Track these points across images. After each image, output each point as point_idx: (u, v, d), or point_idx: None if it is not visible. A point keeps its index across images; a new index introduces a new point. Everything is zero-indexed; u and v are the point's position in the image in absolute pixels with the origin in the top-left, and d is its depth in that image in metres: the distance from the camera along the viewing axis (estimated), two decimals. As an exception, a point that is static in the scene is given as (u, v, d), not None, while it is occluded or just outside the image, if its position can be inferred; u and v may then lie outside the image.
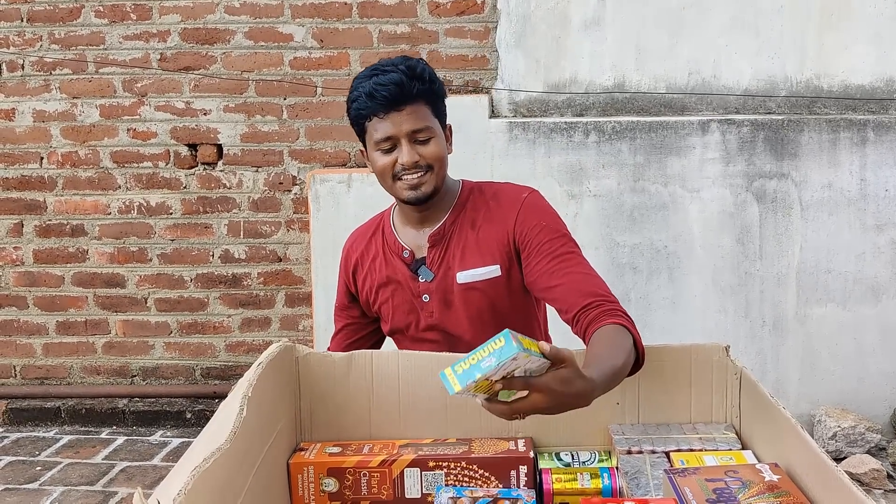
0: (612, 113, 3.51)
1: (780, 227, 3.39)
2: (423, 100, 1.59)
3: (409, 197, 1.63)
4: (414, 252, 1.71)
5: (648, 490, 1.28)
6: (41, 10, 3.69)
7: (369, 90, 1.56)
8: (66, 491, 3.14)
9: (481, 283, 1.65)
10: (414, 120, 1.58)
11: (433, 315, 1.69)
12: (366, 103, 1.58)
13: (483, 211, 1.68)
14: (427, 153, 1.60)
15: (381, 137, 1.59)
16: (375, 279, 1.76)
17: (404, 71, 1.57)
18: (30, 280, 3.87)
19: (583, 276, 1.60)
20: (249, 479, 1.18)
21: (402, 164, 1.59)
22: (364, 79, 1.59)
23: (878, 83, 3.44)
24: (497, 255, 1.65)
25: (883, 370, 3.42)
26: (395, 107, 1.56)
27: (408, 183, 1.61)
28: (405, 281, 1.71)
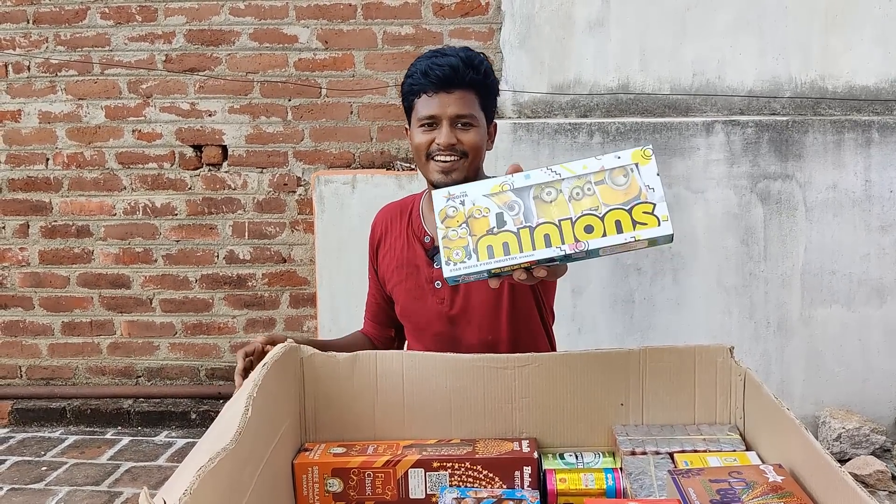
0: (617, 114, 3.51)
1: (784, 228, 3.38)
2: (474, 89, 1.63)
3: (438, 180, 1.65)
4: (434, 238, 1.73)
5: (652, 491, 1.28)
6: (47, 11, 3.70)
7: (425, 68, 1.61)
8: (72, 491, 3.15)
9: None
10: (460, 105, 1.62)
11: (444, 302, 1.72)
12: (419, 80, 1.62)
13: None
14: (465, 139, 1.63)
15: (425, 115, 1.63)
16: (394, 259, 1.79)
17: (462, 58, 1.62)
18: (35, 281, 3.88)
19: None
20: (254, 480, 1.18)
21: (438, 143, 1.62)
22: (423, 59, 1.65)
23: (883, 84, 3.43)
24: None
25: (888, 371, 3.41)
26: (445, 88, 1.61)
27: (440, 165, 1.63)
28: (421, 265, 1.74)
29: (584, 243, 0.98)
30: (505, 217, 1.02)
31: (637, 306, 3.43)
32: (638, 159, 1.01)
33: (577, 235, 0.98)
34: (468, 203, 1.04)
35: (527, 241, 1.00)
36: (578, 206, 0.99)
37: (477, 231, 1.02)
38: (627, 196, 0.98)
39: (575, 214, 0.99)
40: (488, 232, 1.02)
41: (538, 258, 1.00)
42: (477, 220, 1.03)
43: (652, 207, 0.99)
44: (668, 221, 0.98)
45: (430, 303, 1.74)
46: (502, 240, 1.01)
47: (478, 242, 1.02)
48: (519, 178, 1.03)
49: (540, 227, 1.00)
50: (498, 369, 1.48)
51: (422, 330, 1.77)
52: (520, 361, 1.48)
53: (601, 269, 3.37)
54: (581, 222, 0.99)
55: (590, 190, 0.99)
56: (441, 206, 1.06)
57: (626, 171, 0.99)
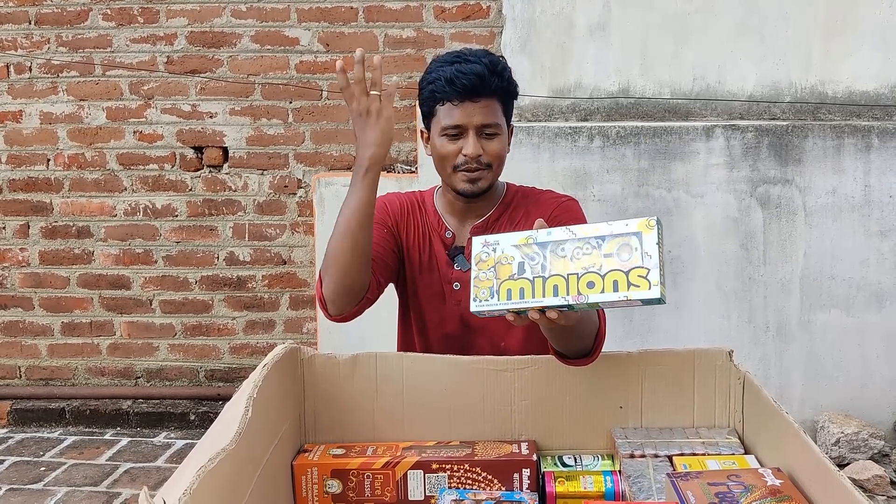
0: (617, 118, 3.52)
1: (784, 233, 3.39)
2: (498, 97, 1.63)
3: (464, 189, 1.65)
4: (455, 236, 1.73)
5: (651, 494, 1.28)
6: (49, 12, 3.70)
7: (450, 76, 1.59)
8: (70, 491, 3.15)
9: None
10: (486, 114, 1.61)
11: (461, 304, 1.70)
12: (444, 87, 1.60)
13: (523, 212, 1.72)
14: (490, 149, 1.63)
15: (451, 124, 1.61)
16: (415, 250, 1.75)
17: (487, 64, 1.60)
18: (35, 281, 3.89)
19: None
20: (254, 480, 1.18)
21: (465, 154, 1.61)
22: (446, 63, 1.62)
23: (883, 90, 3.44)
24: None
25: (886, 376, 3.41)
26: (471, 97, 1.59)
27: (466, 176, 1.63)
28: (440, 265, 1.72)
29: (584, 297, 1.16)
30: (525, 266, 1.21)
31: (636, 309, 3.43)
32: (642, 228, 1.16)
33: (580, 289, 1.17)
34: (499, 251, 1.24)
35: (539, 288, 1.19)
36: (583, 263, 1.18)
37: (501, 276, 1.22)
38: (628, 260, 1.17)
39: (581, 271, 1.18)
40: (510, 277, 1.22)
41: (546, 304, 1.19)
42: (503, 266, 1.23)
43: (646, 272, 1.14)
44: (657, 286, 1.13)
45: (446, 303, 1.72)
46: (520, 285, 1.21)
47: (500, 285, 1.22)
48: (542, 233, 1.22)
49: (551, 278, 1.19)
50: (497, 371, 1.48)
51: (432, 328, 1.74)
52: (519, 364, 1.49)
53: (601, 273, 3.37)
54: (585, 278, 1.17)
55: (596, 249, 1.19)
56: (477, 250, 1.25)
57: (630, 238, 1.17)
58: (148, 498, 0.90)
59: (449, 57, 1.64)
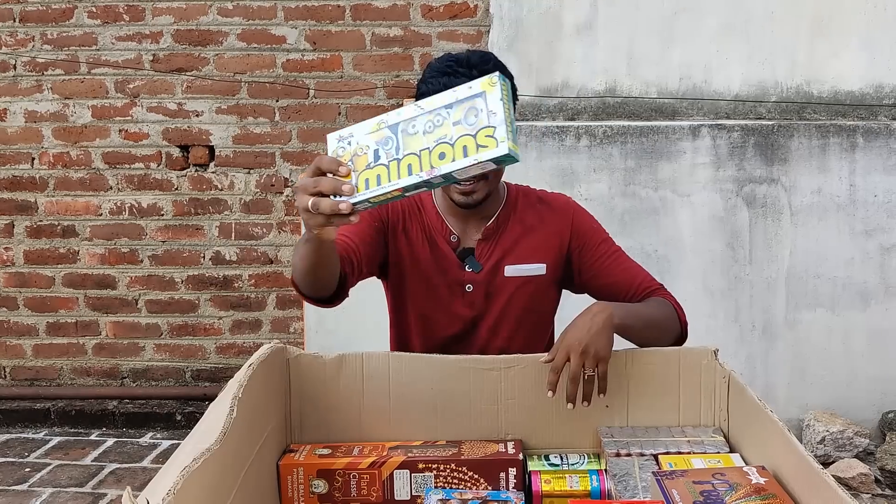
0: (604, 117, 3.52)
1: (769, 232, 3.40)
2: None
3: (459, 201, 1.64)
4: (461, 239, 1.70)
5: (636, 492, 1.29)
6: (33, 10, 3.68)
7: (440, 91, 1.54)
8: (56, 492, 3.13)
9: (526, 279, 1.69)
10: None
11: (473, 305, 1.70)
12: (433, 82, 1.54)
13: (532, 212, 1.73)
14: None
15: None
16: (416, 252, 1.70)
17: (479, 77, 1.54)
18: (20, 281, 3.86)
19: (633, 269, 1.74)
20: (239, 481, 1.18)
21: None
22: (438, 74, 1.56)
23: (868, 89, 3.46)
24: (547, 255, 1.70)
25: (871, 375, 3.43)
26: None
27: (461, 189, 1.60)
28: (449, 268, 1.69)
29: (437, 169, 1.10)
30: (380, 152, 1.15)
31: (623, 309, 3.43)
32: (486, 88, 1.11)
33: (432, 163, 1.11)
34: (353, 143, 1.17)
35: (395, 171, 1.13)
36: (435, 136, 1.12)
37: (359, 167, 1.15)
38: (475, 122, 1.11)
39: (431, 144, 1.12)
40: (367, 167, 1.15)
41: (403, 185, 1.12)
42: (359, 157, 1.16)
43: (493, 131, 1.08)
44: (504, 142, 1.07)
45: (456, 305, 1.70)
46: (376, 172, 1.14)
47: (359, 177, 1.15)
48: (392, 114, 1.16)
49: (405, 158, 1.13)
50: (484, 371, 1.48)
51: (439, 329, 1.71)
52: (506, 363, 1.49)
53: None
54: (436, 150, 1.11)
55: (446, 119, 1.13)
56: (333, 147, 1.19)
57: (475, 100, 1.11)
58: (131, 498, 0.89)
59: (442, 66, 1.57)
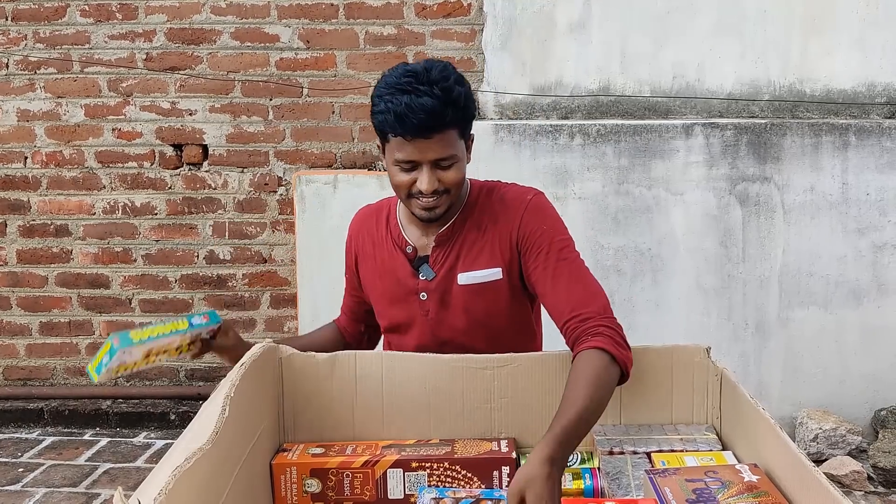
0: (597, 116, 3.53)
1: (762, 230, 3.41)
2: (454, 126, 1.52)
3: (421, 216, 1.60)
4: (417, 249, 1.68)
5: (629, 490, 1.29)
6: (26, 8, 3.67)
7: (401, 112, 1.46)
8: (49, 492, 3.12)
9: (481, 286, 1.63)
10: (440, 148, 1.51)
11: (428, 314, 1.67)
12: (394, 124, 1.48)
13: (489, 213, 1.65)
14: (447, 179, 1.54)
15: (403, 159, 1.52)
16: (377, 268, 1.73)
17: (439, 96, 1.47)
18: (13, 280, 3.85)
19: (573, 285, 1.55)
20: (231, 480, 1.18)
21: (420, 189, 1.53)
22: (396, 91, 1.48)
23: (860, 88, 3.47)
24: (500, 257, 1.63)
25: (864, 373, 3.44)
26: (423, 134, 1.48)
27: (422, 205, 1.56)
28: (404, 277, 1.68)
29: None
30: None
31: (617, 307, 3.39)
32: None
33: None
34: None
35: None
36: None
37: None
38: None
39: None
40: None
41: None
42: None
43: None
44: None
45: (414, 314, 1.69)
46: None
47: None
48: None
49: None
50: (477, 370, 1.48)
51: (406, 340, 1.72)
52: (499, 362, 1.49)
53: (582, 271, 3.38)
54: None
55: None
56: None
57: None
58: (123, 499, 0.89)
59: (400, 82, 1.49)
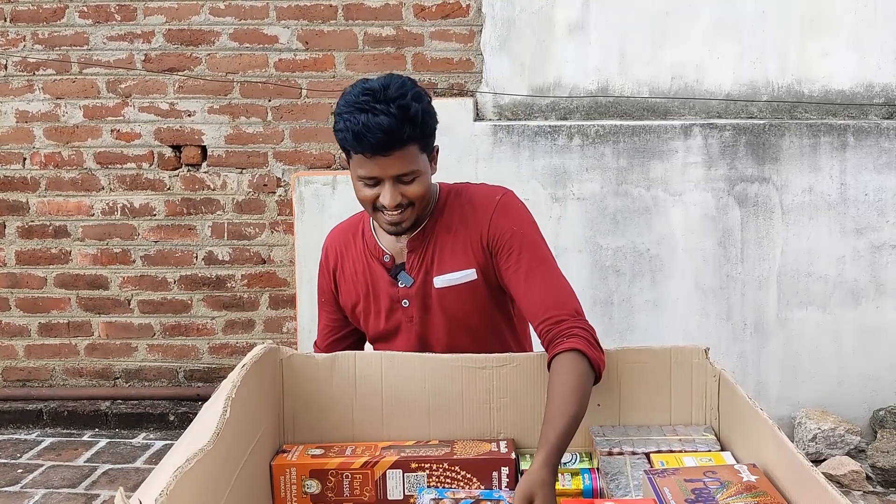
0: (596, 117, 3.53)
1: (761, 231, 3.42)
2: (413, 142, 1.52)
3: (388, 230, 1.61)
4: (394, 257, 1.68)
5: (628, 491, 1.29)
6: (24, 9, 3.67)
7: (358, 131, 1.47)
8: (48, 493, 3.12)
9: (458, 287, 1.64)
10: (400, 165, 1.51)
11: (412, 320, 1.68)
12: (352, 143, 1.49)
13: (459, 214, 1.65)
14: (410, 192, 1.55)
15: (365, 175, 1.53)
16: (356, 284, 1.74)
17: (395, 114, 1.46)
18: (12, 281, 3.85)
19: (546, 286, 1.56)
20: (232, 481, 1.18)
21: (383, 203, 1.54)
22: (355, 110, 1.48)
23: (859, 88, 3.47)
24: (473, 258, 1.63)
25: (862, 373, 3.45)
26: (382, 152, 1.49)
27: (388, 219, 1.57)
28: (385, 286, 1.69)
29: None
30: None
31: (616, 308, 3.45)
32: None
33: None
34: None
35: None
36: None
37: None
38: None
39: None
40: None
41: None
42: None
43: None
44: None
45: (399, 322, 1.69)
46: None
47: None
48: None
49: None
50: (476, 370, 1.48)
51: (394, 349, 1.71)
52: (498, 362, 1.49)
53: (581, 271, 3.39)
54: None
55: None
56: None
57: None
58: (124, 499, 0.89)
59: (358, 100, 1.48)
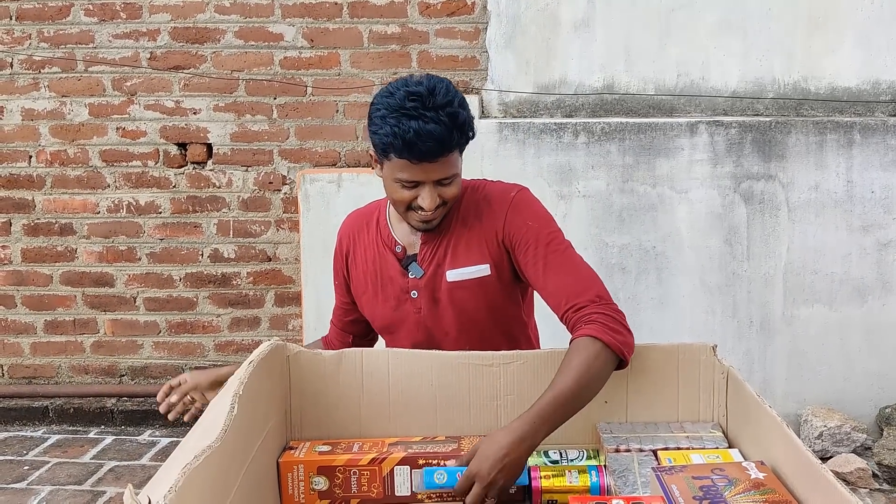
0: (602, 114, 3.53)
1: (767, 228, 3.41)
2: (458, 148, 1.55)
3: (418, 227, 1.62)
4: (406, 248, 1.70)
5: (636, 488, 1.29)
6: (30, 8, 3.67)
7: (409, 139, 1.46)
8: (54, 490, 3.13)
9: (470, 282, 1.64)
10: (444, 170, 1.53)
11: (420, 311, 1.68)
12: (401, 149, 1.48)
13: (474, 210, 1.66)
14: (448, 194, 1.57)
15: (407, 179, 1.53)
16: (367, 272, 1.74)
17: (446, 123, 1.47)
18: (18, 279, 3.86)
19: (565, 275, 1.57)
20: (240, 478, 1.18)
21: (421, 206, 1.55)
22: (402, 116, 1.47)
23: (865, 86, 3.46)
24: (487, 254, 1.63)
25: (868, 370, 3.44)
26: (430, 159, 1.50)
27: (421, 218, 1.58)
28: (395, 276, 1.69)
29: None
30: None
31: (622, 305, 3.39)
32: None
33: None
34: None
35: None
36: None
37: None
38: None
39: None
40: None
41: None
42: None
43: None
44: None
45: (406, 313, 1.70)
46: None
47: None
48: None
49: None
50: (483, 366, 1.48)
51: (400, 339, 1.73)
52: (505, 359, 1.49)
53: (586, 269, 3.38)
54: None
55: None
56: None
57: None
58: (133, 496, 0.89)
59: (405, 105, 1.47)
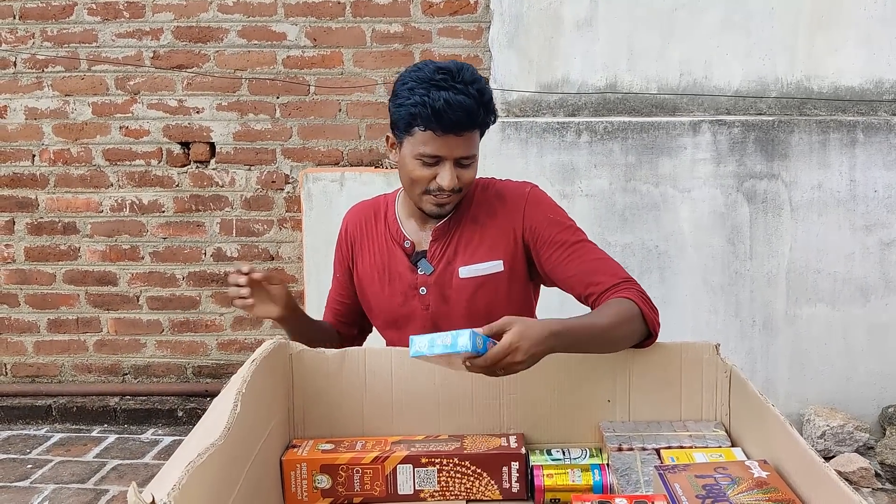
0: (604, 113, 3.52)
1: (770, 228, 3.41)
2: (481, 126, 1.58)
3: (431, 212, 1.63)
4: (415, 244, 1.70)
5: (639, 486, 1.29)
6: (34, 7, 3.68)
7: (439, 108, 1.49)
8: (58, 489, 3.14)
9: (483, 278, 1.65)
10: (467, 147, 1.56)
11: (429, 308, 1.69)
12: (429, 118, 1.51)
13: (486, 207, 1.68)
14: (465, 178, 1.59)
15: (430, 153, 1.55)
16: (374, 265, 1.74)
17: (475, 96, 1.52)
18: (21, 278, 3.86)
19: (595, 262, 1.61)
20: (243, 476, 1.18)
21: (440, 184, 1.56)
22: (431, 87, 1.51)
23: (868, 85, 3.46)
24: (501, 250, 1.65)
25: (871, 370, 3.44)
26: (456, 131, 1.52)
27: (436, 201, 1.60)
28: (403, 272, 1.70)
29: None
30: None
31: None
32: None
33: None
34: None
35: None
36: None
37: None
38: None
39: None
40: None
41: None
42: None
43: None
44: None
45: (414, 309, 1.70)
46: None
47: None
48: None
49: None
50: (486, 366, 1.48)
51: (406, 336, 1.72)
52: (508, 358, 1.49)
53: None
54: None
55: None
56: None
57: None
58: (137, 494, 0.89)
59: (435, 77, 1.52)
